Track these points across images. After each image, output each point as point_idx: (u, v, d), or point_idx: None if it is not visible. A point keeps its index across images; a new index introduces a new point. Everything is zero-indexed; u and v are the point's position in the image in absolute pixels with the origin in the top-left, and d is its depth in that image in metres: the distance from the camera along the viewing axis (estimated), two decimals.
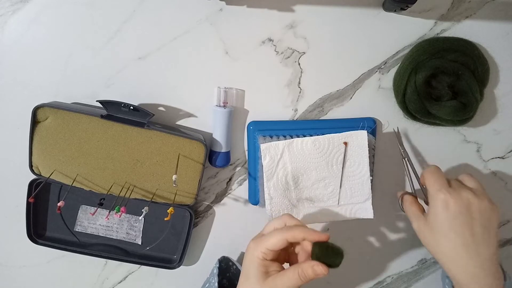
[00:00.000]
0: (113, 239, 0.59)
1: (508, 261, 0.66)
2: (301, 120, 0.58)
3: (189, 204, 0.56)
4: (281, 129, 0.56)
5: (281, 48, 0.55)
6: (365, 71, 0.57)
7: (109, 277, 0.63)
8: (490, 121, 0.59)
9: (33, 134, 0.51)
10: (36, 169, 0.53)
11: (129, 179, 0.54)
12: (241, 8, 0.53)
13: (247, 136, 0.57)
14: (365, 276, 0.65)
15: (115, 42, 0.53)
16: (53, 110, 0.50)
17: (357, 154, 0.54)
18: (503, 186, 0.63)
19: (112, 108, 0.51)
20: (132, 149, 0.53)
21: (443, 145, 0.60)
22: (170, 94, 0.55)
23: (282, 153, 0.54)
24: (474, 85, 0.54)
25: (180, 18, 0.53)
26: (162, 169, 0.54)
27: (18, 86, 0.54)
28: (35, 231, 0.57)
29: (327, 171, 0.55)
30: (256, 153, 0.56)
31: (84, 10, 0.52)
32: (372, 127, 0.56)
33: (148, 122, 0.51)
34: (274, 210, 0.55)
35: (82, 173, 0.54)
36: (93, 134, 0.52)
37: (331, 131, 0.54)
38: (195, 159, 0.53)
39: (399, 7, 0.52)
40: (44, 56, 0.53)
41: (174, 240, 0.59)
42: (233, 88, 0.56)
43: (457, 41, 0.55)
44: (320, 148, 0.54)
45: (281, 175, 0.54)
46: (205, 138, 0.55)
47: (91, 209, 0.57)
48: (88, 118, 0.51)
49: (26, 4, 0.51)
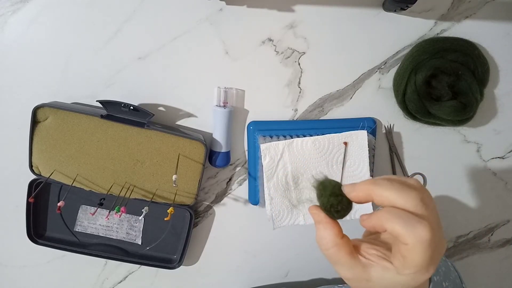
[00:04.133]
0: (113, 239, 0.59)
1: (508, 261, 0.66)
2: (301, 120, 0.58)
3: (189, 204, 0.56)
4: (281, 129, 0.56)
5: (281, 48, 0.55)
6: (365, 71, 0.57)
7: (109, 277, 0.63)
8: (490, 121, 0.59)
9: (33, 134, 0.51)
10: (36, 169, 0.53)
11: (129, 179, 0.54)
12: (241, 8, 0.53)
13: (247, 136, 0.57)
14: None
15: (115, 42, 0.53)
16: (53, 110, 0.50)
17: (357, 154, 0.54)
18: (503, 186, 0.63)
19: (112, 108, 0.51)
20: (132, 149, 0.53)
21: (443, 145, 0.60)
22: (170, 94, 0.55)
23: (282, 153, 0.54)
24: (474, 85, 0.54)
25: (180, 18, 0.53)
26: (162, 169, 0.54)
27: (18, 86, 0.54)
28: (35, 231, 0.57)
29: (327, 171, 0.55)
30: (256, 153, 0.56)
31: (84, 10, 0.52)
32: (372, 127, 0.56)
33: (148, 122, 0.51)
34: (274, 210, 0.55)
35: (82, 173, 0.54)
36: (93, 134, 0.52)
37: (331, 131, 0.54)
38: (195, 159, 0.53)
39: (399, 7, 0.52)
40: (44, 56, 0.53)
41: (174, 240, 0.59)
42: (233, 88, 0.56)
43: (457, 41, 0.55)
44: (320, 148, 0.54)
45: (281, 175, 0.54)
46: (205, 138, 0.55)
47: (91, 209, 0.57)
48: (88, 118, 0.51)
49: (26, 4, 0.51)
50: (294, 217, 0.56)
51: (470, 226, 0.66)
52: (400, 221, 0.26)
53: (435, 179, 0.61)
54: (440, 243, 0.27)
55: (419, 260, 0.26)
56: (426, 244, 0.25)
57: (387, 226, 0.26)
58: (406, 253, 0.26)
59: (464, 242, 0.67)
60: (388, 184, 0.28)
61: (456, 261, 0.68)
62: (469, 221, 0.65)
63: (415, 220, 0.26)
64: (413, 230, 0.25)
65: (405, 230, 0.25)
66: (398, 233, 0.26)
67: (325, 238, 0.29)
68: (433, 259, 0.26)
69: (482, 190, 0.63)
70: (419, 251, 0.25)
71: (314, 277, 0.66)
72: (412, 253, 0.26)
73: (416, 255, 0.26)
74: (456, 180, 0.62)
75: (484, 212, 0.65)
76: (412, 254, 0.26)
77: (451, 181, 0.62)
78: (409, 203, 0.27)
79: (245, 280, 0.65)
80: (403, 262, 0.26)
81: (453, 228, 0.66)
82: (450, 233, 0.66)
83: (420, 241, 0.25)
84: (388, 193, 0.27)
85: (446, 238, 0.66)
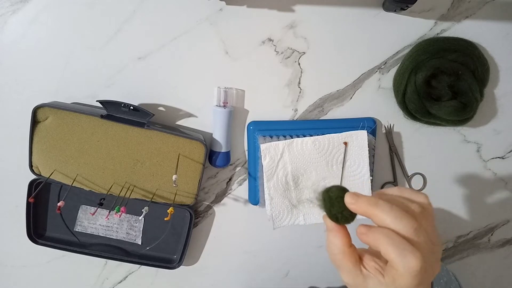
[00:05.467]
0: (113, 239, 0.59)
1: (507, 261, 0.66)
2: (301, 120, 0.58)
3: (189, 204, 0.56)
4: (281, 129, 0.56)
5: (281, 48, 0.55)
6: (365, 71, 0.57)
7: (109, 277, 0.63)
8: (490, 121, 0.59)
9: (33, 134, 0.51)
10: (36, 169, 0.53)
11: (129, 179, 0.54)
12: (241, 8, 0.53)
13: (247, 136, 0.57)
14: None
15: (115, 42, 0.53)
16: (53, 110, 0.50)
17: (357, 154, 0.54)
18: (503, 186, 0.63)
19: (112, 108, 0.51)
20: (132, 149, 0.53)
21: (443, 145, 0.60)
22: (170, 94, 0.55)
23: (282, 153, 0.54)
24: (474, 85, 0.54)
25: (180, 18, 0.53)
26: (162, 169, 0.54)
27: (18, 86, 0.54)
28: (35, 231, 0.57)
29: (327, 171, 0.55)
30: (256, 153, 0.56)
31: (84, 10, 0.52)
32: (372, 127, 0.56)
33: (148, 122, 0.51)
34: (274, 210, 0.55)
35: (82, 173, 0.54)
36: (93, 134, 0.52)
37: (331, 131, 0.54)
38: (195, 159, 0.53)
39: (399, 7, 0.52)
40: (44, 56, 0.53)
41: (174, 240, 0.59)
42: (233, 88, 0.56)
43: (457, 41, 0.55)
44: (320, 148, 0.54)
45: (281, 175, 0.54)
46: (205, 138, 0.55)
47: (91, 209, 0.57)
48: (88, 118, 0.51)
49: (26, 4, 0.51)
50: (294, 217, 0.56)
51: (470, 226, 0.66)
52: (393, 249, 0.27)
53: (435, 179, 0.61)
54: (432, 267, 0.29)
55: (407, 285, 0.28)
56: (415, 274, 0.27)
57: (381, 249, 0.28)
58: (396, 277, 0.28)
59: (464, 242, 0.67)
60: (387, 209, 0.29)
61: (456, 261, 0.69)
62: (469, 221, 0.65)
63: (408, 250, 0.27)
64: (404, 260, 0.27)
65: (397, 258, 0.27)
66: (390, 258, 0.28)
67: (334, 244, 0.32)
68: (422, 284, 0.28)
69: (482, 190, 0.63)
70: (408, 279, 0.27)
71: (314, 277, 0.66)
72: (400, 278, 0.28)
73: (404, 281, 0.28)
74: (456, 180, 0.62)
75: (484, 212, 0.65)
76: (400, 280, 0.28)
77: (451, 181, 0.62)
78: (404, 230, 0.28)
79: (245, 280, 0.65)
80: (393, 282, 0.29)
81: (453, 228, 0.66)
82: (450, 233, 0.66)
83: (409, 271, 0.27)
84: (386, 217, 0.29)
85: (446, 238, 0.66)
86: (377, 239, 0.29)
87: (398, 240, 0.28)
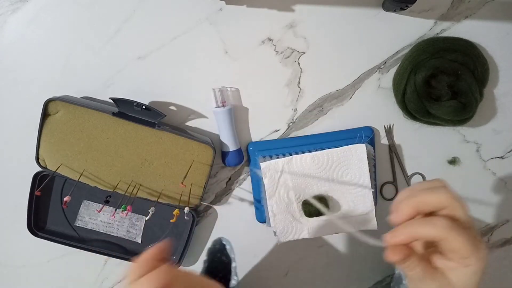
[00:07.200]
0: (113, 236, 0.59)
1: (507, 261, 0.66)
2: (299, 136, 0.58)
3: (194, 206, 0.56)
4: (280, 148, 0.56)
5: (281, 48, 0.55)
6: (364, 71, 0.57)
7: (108, 277, 0.63)
8: (490, 121, 0.59)
9: (43, 127, 0.51)
10: (43, 162, 0.53)
11: (136, 178, 0.54)
12: (241, 8, 0.53)
13: (249, 157, 0.58)
14: (365, 275, 0.65)
15: (115, 42, 0.53)
16: (65, 104, 0.50)
17: (357, 167, 0.54)
18: (503, 186, 0.63)
19: (124, 106, 0.51)
20: (141, 149, 0.53)
21: (443, 145, 0.60)
22: (170, 94, 0.55)
23: (282, 170, 0.54)
24: (474, 85, 0.54)
25: (180, 18, 0.53)
26: (169, 170, 0.54)
27: (17, 86, 0.54)
28: (35, 224, 0.57)
29: (328, 185, 0.54)
30: (258, 175, 0.56)
31: (84, 10, 0.52)
32: (370, 136, 0.56)
33: (159, 122, 0.51)
34: (279, 227, 0.55)
35: (89, 169, 0.54)
36: (103, 131, 0.52)
37: (328, 144, 0.55)
38: (203, 162, 0.53)
39: (399, 7, 0.52)
40: (44, 56, 0.53)
41: (175, 240, 0.59)
42: (226, 86, 0.55)
43: (457, 41, 0.55)
44: (320, 164, 0.54)
45: (282, 192, 0.54)
46: (214, 140, 0.55)
47: (93, 204, 0.57)
48: (99, 114, 0.51)
49: (25, 3, 0.51)
50: (299, 232, 0.56)
51: None
52: (465, 241, 0.30)
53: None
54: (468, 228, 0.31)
55: (463, 242, 0.29)
56: (455, 230, 0.29)
57: (421, 231, 0.30)
58: (451, 246, 0.30)
59: None
60: (419, 222, 0.31)
61: None
62: None
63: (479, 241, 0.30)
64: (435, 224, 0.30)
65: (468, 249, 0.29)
66: (434, 235, 0.30)
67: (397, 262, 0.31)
68: (472, 239, 0.30)
69: (482, 190, 0.63)
70: (455, 237, 0.29)
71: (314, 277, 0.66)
72: (453, 242, 0.29)
73: (457, 242, 0.29)
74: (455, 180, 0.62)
75: (483, 212, 0.65)
76: (454, 243, 0.29)
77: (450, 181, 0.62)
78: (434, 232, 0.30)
79: (244, 280, 0.65)
80: (457, 254, 0.30)
81: None
82: None
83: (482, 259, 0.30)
84: (421, 229, 0.31)
85: None
86: (410, 226, 0.31)
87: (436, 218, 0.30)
